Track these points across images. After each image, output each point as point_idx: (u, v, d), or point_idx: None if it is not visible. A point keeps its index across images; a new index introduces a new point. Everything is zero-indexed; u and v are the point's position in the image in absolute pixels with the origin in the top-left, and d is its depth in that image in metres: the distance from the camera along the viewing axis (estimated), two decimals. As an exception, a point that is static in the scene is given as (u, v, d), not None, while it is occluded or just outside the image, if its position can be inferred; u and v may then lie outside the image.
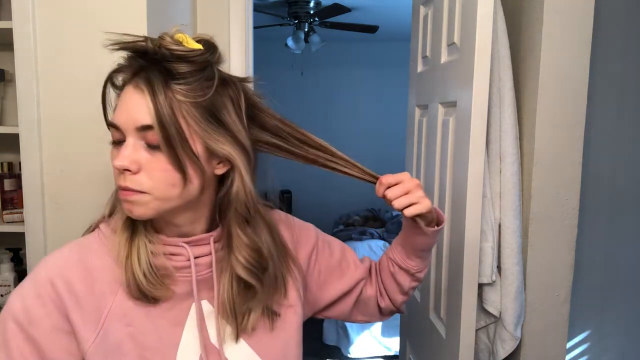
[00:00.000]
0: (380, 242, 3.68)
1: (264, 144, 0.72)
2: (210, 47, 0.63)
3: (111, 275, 0.65)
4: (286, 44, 3.70)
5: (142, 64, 0.60)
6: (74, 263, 0.64)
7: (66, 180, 1.19)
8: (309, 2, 3.47)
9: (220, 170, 0.66)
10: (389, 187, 0.74)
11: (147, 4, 1.15)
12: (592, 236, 1.51)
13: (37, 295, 0.62)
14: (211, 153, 0.63)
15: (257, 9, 3.31)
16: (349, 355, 3.06)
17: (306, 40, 3.76)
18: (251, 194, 0.66)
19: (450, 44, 1.17)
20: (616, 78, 1.48)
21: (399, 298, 0.87)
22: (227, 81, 0.65)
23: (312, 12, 3.55)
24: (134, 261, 0.64)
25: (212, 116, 0.62)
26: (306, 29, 3.71)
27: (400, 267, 0.84)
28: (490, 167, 1.18)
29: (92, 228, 0.71)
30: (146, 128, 0.59)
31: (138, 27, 1.14)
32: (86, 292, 0.63)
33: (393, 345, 3.02)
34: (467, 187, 1.05)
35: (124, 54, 0.61)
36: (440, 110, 1.26)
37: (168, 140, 0.58)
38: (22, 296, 0.63)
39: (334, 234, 3.96)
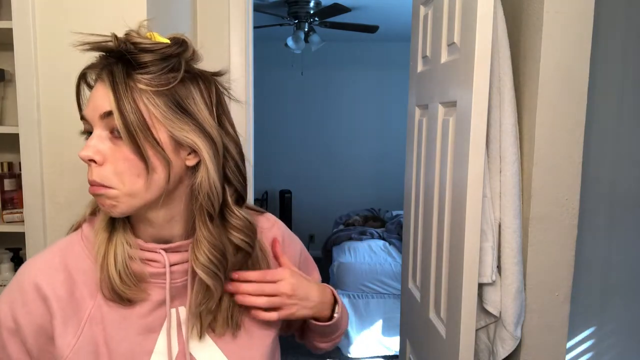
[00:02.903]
0: (380, 242, 3.68)
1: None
2: (178, 42, 0.63)
3: (91, 278, 0.65)
4: (286, 44, 3.70)
5: (110, 61, 0.61)
6: (56, 266, 0.65)
7: (66, 180, 1.19)
8: (309, 2, 3.47)
9: (191, 161, 0.64)
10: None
11: (148, 4, 1.15)
12: (592, 236, 1.52)
13: (24, 303, 0.64)
14: (178, 143, 0.62)
15: (257, 9, 3.31)
16: (349, 355, 3.06)
17: (306, 40, 3.76)
18: (215, 186, 0.64)
19: (450, 44, 1.17)
20: (616, 78, 1.48)
21: (315, 349, 0.90)
22: (198, 75, 0.65)
23: (312, 12, 3.55)
24: (110, 261, 0.64)
25: (177, 105, 0.61)
26: (306, 29, 3.71)
27: (310, 331, 0.85)
28: (491, 167, 1.18)
29: (75, 227, 0.72)
30: (107, 115, 0.59)
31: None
32: (68, 295, 0.64)
33: (393, 345, 3.02)
34: (467, 187, 1.05)
35: (96, 53, 0.62)
36: (440, 110, 1.26)
37: (127, 127, 0.58)
38: (9, 303, 0.65)
39: (334, 234, 3.96)
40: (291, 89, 4.93)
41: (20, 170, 1.27)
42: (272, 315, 0.72)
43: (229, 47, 1.69)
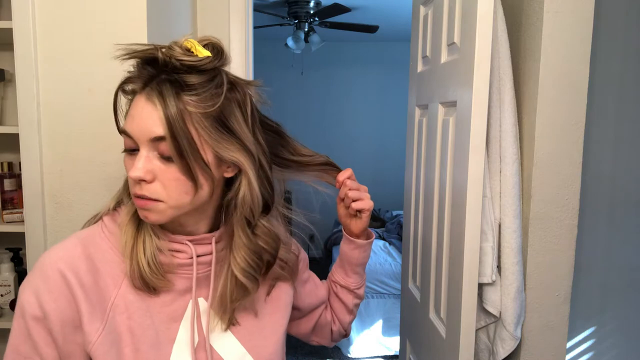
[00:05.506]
0: (380, 242, 3.68)
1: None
2: (217, 51, 0.65)
3: (115, 268, 0.67)
4: (286, 44, 3.70)
5: (152, 73, 0.62)
6: (79, 255, 0.66)
7: (66, 180, 1.19)
8: (309, 2, 3.47)
9: (229, 173, 0.68)
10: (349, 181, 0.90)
11: (147, 4, 1.15)
12: (592, 236, 1.51)
13: (49, 290, 0.63)
14: (220, 159, 0.65)
15: (257, 9, 3.31)
16: (349, 355, 3.06)
17: (306, 40, 3.76)
18: (258, 199, 0.68)
19: (450, 44, 1.17)
20: (616, 78, 1.48)
21: (346, 318, 0.98)
22: (234, 85, 0.67)
23: (312, 12, 3.55)
24: (139, 251, 0.66)
25: (222, 125, 0.63)
26: (306, 29, 3.71)
27: (342, 286, 0.95)
28: (490, 167, 1.18)
29: (96, 220, 0.72)
30: (159, 139, 0.60)
31: (138, 27, 1.15)
32: (92, 284, 0.65)
33: (393, 345, 3.02)
34: (467, 187, 1.05)
35: (132, 62, 0.63)
36: (440, 110, 1.26)
37: (180, 151, 0.60)
38: (33, 291, 0.63)
39: (334, 234, 3.95)
40: (291, 89, 4.93)
41: (20, 170, 1.27)
42: (364, 204, 0.92)
43: (229, 47, 1.68)
